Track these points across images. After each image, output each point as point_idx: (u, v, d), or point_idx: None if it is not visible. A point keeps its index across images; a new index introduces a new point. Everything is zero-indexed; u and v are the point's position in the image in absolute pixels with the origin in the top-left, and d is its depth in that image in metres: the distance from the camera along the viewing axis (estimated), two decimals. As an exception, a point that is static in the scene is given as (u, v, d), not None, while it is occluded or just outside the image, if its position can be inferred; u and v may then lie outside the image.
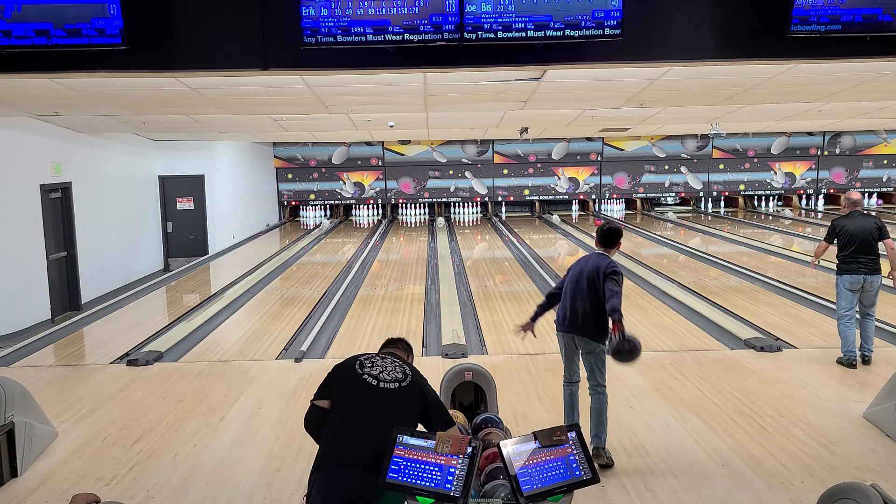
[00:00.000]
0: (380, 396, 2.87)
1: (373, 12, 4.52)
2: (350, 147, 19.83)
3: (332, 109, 8.78)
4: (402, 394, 2.91)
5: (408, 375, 2.99)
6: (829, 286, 9.81)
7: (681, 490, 4.14)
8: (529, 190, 20.34)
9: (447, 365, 6.13)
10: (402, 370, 3.01)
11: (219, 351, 7.39)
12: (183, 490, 4.29)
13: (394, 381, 2.94)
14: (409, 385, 2.95)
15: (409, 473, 2.43)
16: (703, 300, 9.06)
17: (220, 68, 5.10)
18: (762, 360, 6.58)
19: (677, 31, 4.87)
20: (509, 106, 9.00)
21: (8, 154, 8.81)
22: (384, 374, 2.95)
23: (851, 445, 4.71)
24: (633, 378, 6.14)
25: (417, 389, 2.96)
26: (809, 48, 4.78)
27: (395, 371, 2.99)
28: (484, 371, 4.17)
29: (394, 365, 3.03)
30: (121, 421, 5.42)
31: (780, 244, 14.26)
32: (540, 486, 2.38)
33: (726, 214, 20.44)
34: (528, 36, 4.57)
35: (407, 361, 3.21)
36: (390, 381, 2.93)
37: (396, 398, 2.89)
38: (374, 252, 14.39)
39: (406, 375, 2.99)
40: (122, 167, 12.43)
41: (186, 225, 14.30)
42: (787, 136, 20.06)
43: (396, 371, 2.99)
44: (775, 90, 7.65)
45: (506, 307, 9.03)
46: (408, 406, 2.90)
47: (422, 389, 2.98)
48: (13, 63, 4.74)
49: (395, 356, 3.15)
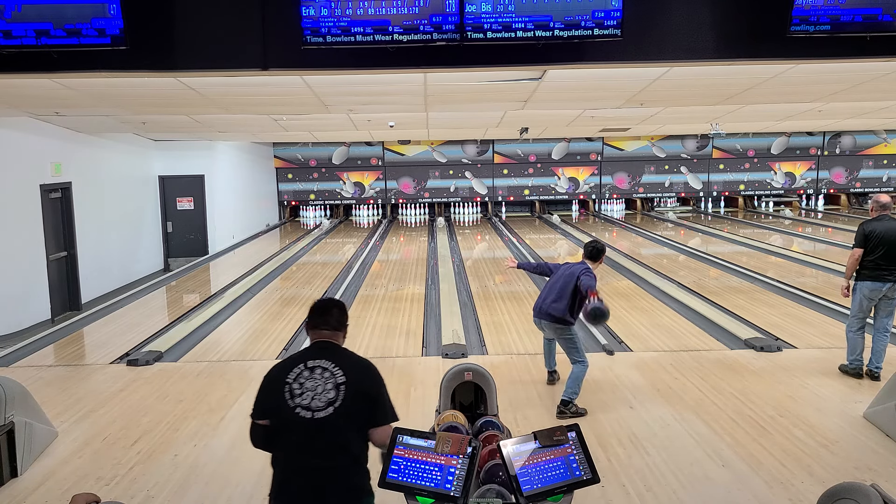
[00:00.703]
0: (318, 428, 2.66)
1: (373, 12, 4.52)
2: (350, 147, 19.84)
3: (332, 109, 8.78)
4: (340, 415, 2.67)
5: (340, 389, 2.70)
6: (829, 286, 9.82)
7: (681, 490, 4.14)
8: (529, 190, 20.34)
9: (447, 365, 6.13)
10: (334, 383, 2.71)
11: (219, 351, 7.39)
12: (183, 490, 4.29)
13: (327, 404, 2.68)
14: (345, 399, 2.68)
15: (409, 473, 2.43)
16: (703, 300, 9.06)
17: (220, 68, 5.10)
18: (762, 360, 6.58)
19: (677, 31, 4.87)
20: (509, 106, 9.00)
21: (8, 154, 8.81)
22: (316, 399, 2.68)
23: (851, 445, 4.71)
24: (633, 378, 6.14)
25: (355, 396, 2.70)
26: (809, 48, 4.79)
27: (326, 391, 2.69)
28: (484, 371, 4.16)
29: (324, 380, 2.72)
30: (121, 421, 5.42)
31: (780, 244, 14.27)
32: (540, 486, 2.37)
33: (726, 214, 20.44)
34: (528, 36, 4.57)
35: (338, 357, 2.81)
36: (323, 406, 2.67)
37: (333, 423, 2.67)
38: (374, 252, 14.39)
39: (338, 390, 2.70)
40: (122, 167, 12.43)
41: (186, 225, 14.30)
42: (787, 136, 20.06)
43: (328, 390, 2.70)
44: (775, 90, 7.65)
45: (506, 307, 9.03)
46: (350, 423, 2.69)
47: (359, 392, 2.72)
48: (13, 63, 4.75)
49: (325, 359, 2.78)
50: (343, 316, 2.95)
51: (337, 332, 2.90)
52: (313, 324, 2.91)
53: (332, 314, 2.91)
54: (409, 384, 6.06)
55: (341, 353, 2.86)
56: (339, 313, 2.93)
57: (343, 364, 2.78)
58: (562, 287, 5.44)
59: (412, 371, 6.42)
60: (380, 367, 2.90)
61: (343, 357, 2.83)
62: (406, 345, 7.39)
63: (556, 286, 5.49)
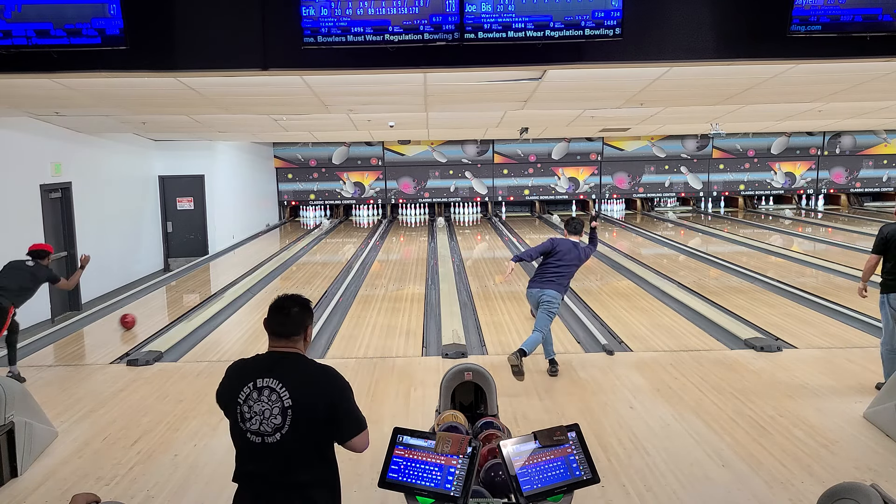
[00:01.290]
0: (269, 454, 2.50)
1: (373, 12, 4.52)
2: (350, 147, 19.84)
3: (332, 109, 8.78)
4: (288, 441, 2.47)
5: (287, 413, 2.47)
6: (830, 286, 9.84)
7: (681, 490, 4.14)
8: (529, 190, 20.35)
9: (447, 365, 6.14)
10: (280, 407, 2.47)
11: (219, 351, 7.39)
12: (183, 490, 4.29)
13: (275, 430, 2.47)
14: (293, 424, 2.47)
15: (409, 473, 2.43)
16: (703, 300, 9.06)
17: (220, 68, 5.11)
18: (762, 360, 6.58)
19: (677, 31, 4.87)
20: (509, 106, 9.00)
21: (8, 154, 8.81)
22: (264, 423, 2.48)
23: (851, 445, 4.71)
24: (633, 378, 6.14)
25: (305, 419, 2.48)
26: (809, 48, 4.79)
27: (273, 416, 2.48)
28: (484, 371, 4.16)
29: (271, 403, 2.49)
30: (121, 421, 5.42)
31: (780, 244, 14.27)
32: (540, 486, 2.38)
33: (726, 214, 20.44)
34: (528, 36, 4.57)
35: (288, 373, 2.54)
36: (271, 432, 2.47)
37: (283, 449, 2.48)
38: (374, 252, 14.39)
39: (285, 415, 2.47)
40: (122, 167, 12.43)
41: (186, 225, 14.30)
42: (787, 136, 20.06)
43: (275, 415, 2.47)
44: (775, 90, 7.65)
45: (506, 307, 9.02)
46: (302, 446, 2.50)
47: (310, 414, 2.49)
48: (13, 63, 4.75)
49: (274, 377, 2.52)
50: (304, 316, 2.63)
51: (295, 338, 2.62)
52: (270, 328, 2.63)
53: (290, 315, 2.61)
54: (409, 384, 6.06)
55: (293, 367, 2.57)
56: (300, 313, 2.62)
57: (292, 383, 2.50)
58: (572, 271, 6.26)
59: (412, 371, 6.42)
60: (380, 367, 2.86)
61: (294, 373, 2.54)
62: (406, 345, 7.39)
63: (569, 271, 6.25)
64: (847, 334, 7.42)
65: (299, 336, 2.64)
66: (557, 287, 6.19)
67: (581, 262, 6.30)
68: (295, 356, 2.61)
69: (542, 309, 6.19)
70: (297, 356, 2.62)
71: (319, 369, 2.61)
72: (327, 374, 2.59)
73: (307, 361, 2.62)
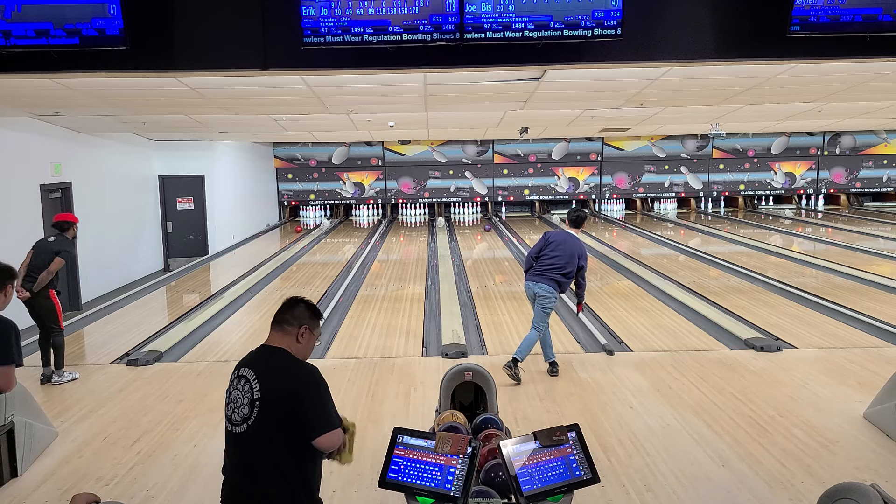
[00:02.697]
0: (238, 444, 2.53)
1: (373, 12, 4.52)
2: (350, 147, 19.84)
3: (332, 109, 8.78)
4: (253, 433, 2.48)
5: (255, 405, 2.48)
6: (829, 286, 9.84)
7: (681, 490, 4.14)
8: (529, 190, 20.35)
9: (447, 365, 6.14)
10: (250, 398, 2.50)
11: (219, 351, 7.39)
12: (183, 490, 4.29)
13: (242, 420, 2.50)
14: (259, 416, 2.47)
15: (409, 473, 2.43)
16: (703, 300, 9.06)
17: (220, 68, 5.10)
18: (762, 360, 6.58)
19: (677, 31, 4.86)
20: (509, 106, 9.00)
21: (8, 154, 8.81)
22: (236, 412, 2.53)
23: (851, 445, 4.71)
24: (633, 378, 6.14)
25: (272, 413, 2.47)
26: (809, 48, 4.78)
27: (242, 406, 2.51)
28: (484, 371, 4.16)
29: (243, 393, 2.53)
30: (121, 421, 5.43)
31: (780, 244, 14.27)
32: (540, 486, 2.38)
33: (726, 214, 20.44)
34: (528, 36, 4.57)
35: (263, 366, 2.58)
36: (240, 421, 2.51)
37: (248, 440, 2.49)
38: (374, 252, 14.39)
39: (252, 406, 2.48)
40: (122, 167, 12.43)
41: (186, 225, 14.30)
42: (787, 136, 20.07)
43: (244, 405, 2.50)
44: (775, 90, 7.65)
45: (506, 307, 9.02)
46: (267, 442, 2.48)
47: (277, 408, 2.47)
48: (13, 63, 4.74)
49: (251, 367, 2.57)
50: (306, 314, 2.67)
51: (288, 329, 2.63)
52: (273, 321, 2.70)
53: (293, 306, 2.67)
54: (409, 384, 6.06)
55: (271, 361, 2.59)
56: (304, 311, 2.67)
57: (265, 376, 2.53)
58: (566, 263, 6.05)
59: (412, 371, 6.42)
60: (380, 367, 2.86)
61: (270, 367, 2.56)
62: (406, 345, 7.39)
63: (562, 262, 6.06)
64: (847, 334, 7.42)
65: (292, 328, 2.64)
66: (550, 281, 6.06)
67: (577, 256, 6.07)
68: (280, 351, 2.62)
69: (538, 305, 6.13)
70: (282, 352, 2.62)
71: (295, 363, 2.60)
72: (299, 367, 2.59)
73: (288, 357, 2.61)
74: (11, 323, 3.67)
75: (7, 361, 3.52)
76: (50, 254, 6.32)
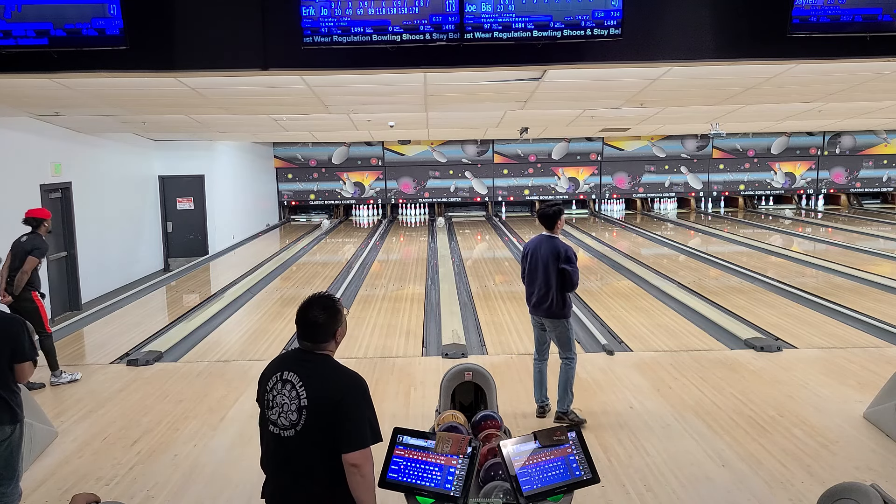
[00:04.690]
0: (282, 448, 2.52)
1: (373, 12, 4.52)
2: (350, 147, 19.84)
3: (332, 109, 8.78)
4: (300, 439, 2.48)
5: (302, 413, 2.46)
6: (829, 286, 9.84)
7: (681, 490, 4.14)
8: (529, 190, 20.35)
9: (447, 365, 6.13)
10: (297, 405, 2.47)
11: (219, 351, 7.39)
12: (183, 490, 4.29)
13: (290, 425, 2.48)
14: (307, 424, 2.46)
15: (409, 473, 2.43)
16: (703, 300, 9.06)
17: (220, 68, 5.10)
18: (762, 360, 6.58)
19: (677, 31, 4.86)
20: (509, 106, 9.00)
21: (8, 154, 8.81)
22: (282, 416, 2.51)
23: (851, 445, 4.71)
24: (633, 378, 6.14)
25: (318, 422, 2.46)
26: (809, 48, 4.78)
27: (290, 411, 2.49)
28: (484, 371, 4.16)
29: (290, 399, 2.50)
30: (121, 421, 5.42)
31: (780, 244, 14.27)
32: (540, 486, 2.38)
33: (726, 214, 20.44)
34: (528, 36, 4.57)
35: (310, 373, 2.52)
36: (287, 426, 2.49)
37: (296, 446, 2.49)
38: (374, 252, 14.39)
39: (300, 413, 2.47)
40: (122, 167, 12.43)
41: (186, 225, 14.30)
42: (787, 136, 20.07)
43: (291, 411, 2.48)
44: (775, 90, 7.65)
45: (506, 307, 9.02)
46: (314, 448, 2.47)
47: (323, 417, 2.46)
48: (13, 63, 4.74)
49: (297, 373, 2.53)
50: (331, 322, 2.57)
51: (323, 344, 2.58)
52: (298, 332, 2.63)
53: (317, 325, 2.56)
54: (409, 384, 6.06)
55: (315, 367, 2.54)
56: (327, 321, 2.56)
57: (310, 383, 2.49)
58: (543, 283, 5.09)
59: (412, 371, 6.42)
60: (380, 367, 2.85)
61: (315, 373, 2.52)
62: (406, 345, 7.39)
63: (541, 291, 5.12)
64: (847, 334, 7.42)
65: (328, 342, 2.60)
66: (546, 312, 5.14)
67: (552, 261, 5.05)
68: (322, 357, 2.58)
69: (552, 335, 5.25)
70: (324, 357, 2.58)
71: (339, 370, 2.56)
72: (344, 375, 2.54)
73: (332, 363, 2.58)
74: (20, 320, 3.70)
75: (24, 358, 3.59)
76: (23, 254, 6.13)
